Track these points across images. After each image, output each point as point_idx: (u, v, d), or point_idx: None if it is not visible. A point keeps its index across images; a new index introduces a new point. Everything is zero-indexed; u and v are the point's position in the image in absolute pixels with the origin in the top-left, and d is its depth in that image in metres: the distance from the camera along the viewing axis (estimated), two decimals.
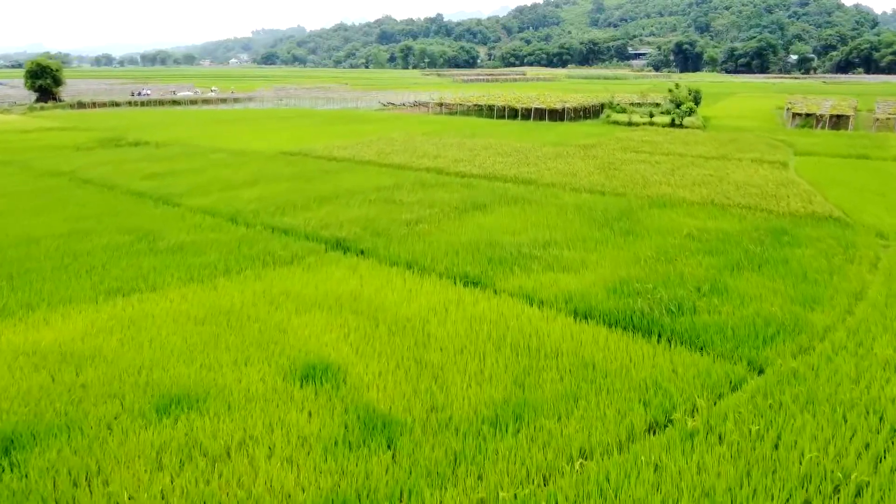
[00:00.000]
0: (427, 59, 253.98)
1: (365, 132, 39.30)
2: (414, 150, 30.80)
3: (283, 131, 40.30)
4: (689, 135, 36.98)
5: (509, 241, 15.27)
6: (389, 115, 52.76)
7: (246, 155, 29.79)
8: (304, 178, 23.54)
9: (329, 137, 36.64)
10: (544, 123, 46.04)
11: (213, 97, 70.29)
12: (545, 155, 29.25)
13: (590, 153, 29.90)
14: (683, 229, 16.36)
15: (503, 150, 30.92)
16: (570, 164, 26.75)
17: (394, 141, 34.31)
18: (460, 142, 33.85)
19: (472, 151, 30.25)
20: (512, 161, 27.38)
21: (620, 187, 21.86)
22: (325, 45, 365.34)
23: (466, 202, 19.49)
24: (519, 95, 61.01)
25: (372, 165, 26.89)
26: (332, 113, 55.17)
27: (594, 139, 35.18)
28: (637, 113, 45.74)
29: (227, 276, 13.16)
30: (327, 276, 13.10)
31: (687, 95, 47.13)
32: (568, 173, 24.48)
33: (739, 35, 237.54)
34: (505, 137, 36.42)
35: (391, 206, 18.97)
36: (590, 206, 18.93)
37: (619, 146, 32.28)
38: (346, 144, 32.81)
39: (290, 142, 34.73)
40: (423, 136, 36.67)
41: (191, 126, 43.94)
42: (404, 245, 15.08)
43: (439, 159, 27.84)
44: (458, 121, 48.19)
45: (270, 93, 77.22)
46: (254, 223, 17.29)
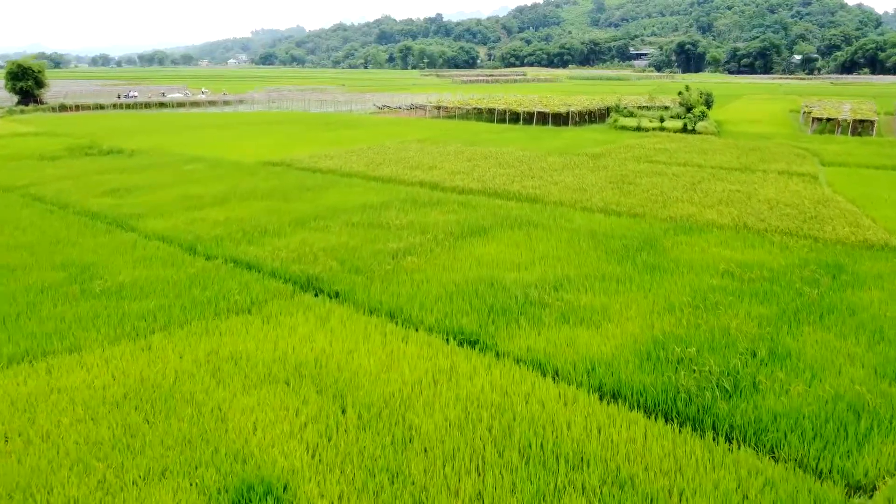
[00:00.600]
0: (426, 59, 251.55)
1: (356, 139, 36.81)
2: (407, 160, 28.30)
3: (269, 137, 37.79)
4: (704, 142, 34.47)
5: (514, 281, 12.78)
6: (384, 120, 50.24)
7: (223, 166, 27.29)
8: (281, 195, 21.03)
9: (316, 145, 34.14)
10: (548, 129, 43.54)
11: (203, 100, 67.78)
12: (551, 166, 26.75)
13: (599, 163, 27.39)
14: (719, 263, 13.85)
15: (505, 159, 28.42)
16: (578, 176, 24.24)
17: (386, 149, 31.80)
18: (458, 150, 31.35)
19: (470, 162, 27.76)
20: (515, 173, 24.88)
21: (637, 206, 19.35)
22: (323, 46, 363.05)
23: (464, 226, 16.99)
24: (520, 98, 58.53)
25: (360, 179, 24.38)
26: (324, 117, 52.65)
27: (603, 147, 32.67)
28: (646, 117, 43.23)
29: (166, 331, 10.67)
30: (290, 331, 10.62)
31: (698, 98, 44.63)
32: (577, 188, 21.97)
33: (742, 35, 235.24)
34: (507, 145, 33.93)
35: (377, 232, 16.46)
36: (605, 232, 16.42)
37: (631, 155, 29.77)
38: (333, 153, 30.30)
39: (273, 150, 32.23)
40: (418, 143, 34.18)
41: (172, 131, 41.44)
42: (388, 286, 12.57)
43: (434, 171, 25.35)
44: (457, 125, 45.70)
45: (262, 95, 74.65)
46: (215, 254, 14.79)
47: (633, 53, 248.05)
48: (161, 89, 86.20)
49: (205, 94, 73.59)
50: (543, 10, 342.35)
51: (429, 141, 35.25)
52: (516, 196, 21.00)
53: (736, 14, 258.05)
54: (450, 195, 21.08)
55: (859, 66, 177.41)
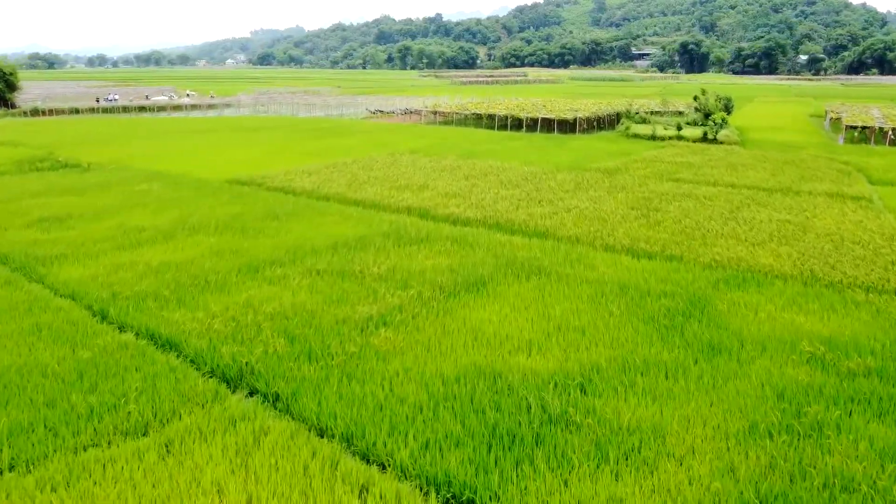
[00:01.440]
0: (425, 59, 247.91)
1: (342, 149, 33.23)
2: (396, 177, 24.75)
3: (245, 148, 34.21)
4: (730, 154, 30.91)
5: (523, 374, 9.25)
6: (376, 126, 46.63)
7: (183, 185, 23.72)
8: (240, 227, 17.46)
9: (296, 157, 30.57)
10: (554, 137, 39.96)
11: (187, 103, 64.10)
12: (561, 185, 23.20)
13: (616, 182, 23.83)
14: (797, 340, 10.32)
15: (508, 176, 24.88)
16: (594, 200, 20.68)
17: (373, 163, 28.24)
18: (455, 164, 27.79)
19: (468, 180, 24.21)
20: (519, 196, 21.32)
21: (671, 243, 15.80)
22: (322, 46, 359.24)
23: (457, 275, 13.43)
24: (523, 102, 54.97)
25: (338, 203, 20.81)
26: (311, 123, 49.02)
27: (617, 160, 29.10)
28: (660, 124, 39.64)
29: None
30: (193, 477, 7.08)
31: (716, 104, 41.03)
32: (595, 217, 18.41)
33: (745, 35, 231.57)
34: (509, 157, 30.36)
35: (346, 285, 12.90)
36: (638, 285, 12.85)
37: (651, 171, 26.20)
38: (313, 168, 26.73)
39: (246, 163, 28.67)
40: (409, 155, 30.61)
41: (142, 140, 37.85)
42: (349, 385, 9.02)
43: (426, 193, 21.79)
44: (454, 133, 42.13)
45: (251, 97, 70.97)
46: (130, 322, 11.25)
47: (635, 53, 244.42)
48: (146, 91, 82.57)
49: (189, 98, 69.93)
50: (544, 9, 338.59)
51: (422, 152, 31.69)
52: (522, 228, 17.44)
53: (739, 13, 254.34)
54: (442, 227, 17.51)
55: (867, 67, 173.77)
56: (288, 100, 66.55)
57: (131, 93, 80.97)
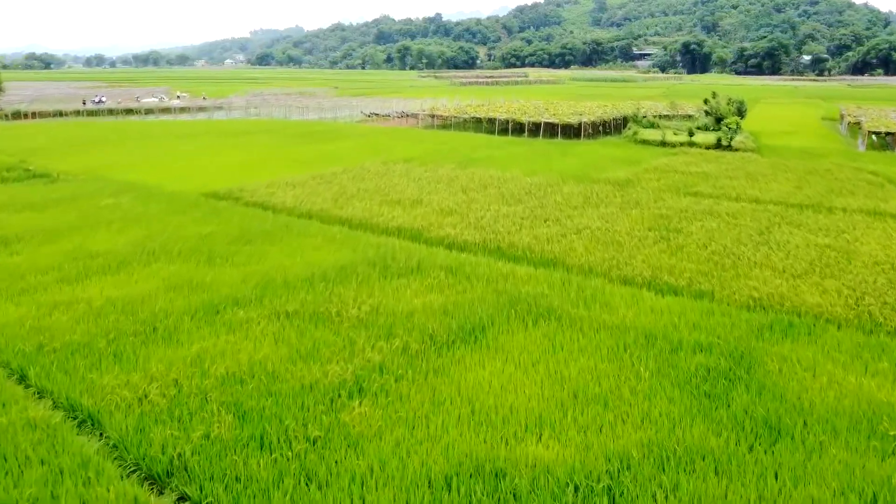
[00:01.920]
0: (425, 59, 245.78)
1: (332, 157, 31.16)
2: (387, 189, 22.69)
3: (230, 154, 32.13)
4: (747, 162, 28.84)
5: (534, 474, 7.18)
6: (370, 130, 44.50)
7: (154, 199, 21.64)
8: (206, 253, 15.39)
9: (282, 166, 28.49)
10: (557, 143, 37.87)
11: (176, 106, 61.92)
12: (568, 200, 21.13)
13: (629, 196, 21.77)
14: (875, 419, 8.26)
15: (509, 188, 22.82)
16: (607, 218, 18.62)
17: (364, 173, 26.17)
18: (452, 174, 25.73)
19: (466, 193, 22.15)
20: (523, 213, 19.27)
21: (699, 274, 13.75)
22: (321, 46, 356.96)
23: (452, 319, 11.38)
24: (524, 105, 52.88)
25: (320, 222, 18.76)
26: (303, 126, 46.83)
27: (627, 169, 27.02)
28: (670, 129, 37.55)
29: None
30: None
31: (728, 107, 38.94)
32: (609, 240, 16.35)
33: (748, 35, 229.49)
34: (511, 166, 28.30)
35: (320, 334, 10.84)
36: (667, 334, 10.79)
37: (666, 183, 24.13)
38: (298, 179, 24.67)
39: (228, 173, 26.62)
40: (404, 164, 28.53)
41: (121, 146, 35.74)
42: (307, 493, 6.94)
43: (419, 209, 19.73)
44: (452, 138, 40.05)
45: (244, 99, 68.78)
46: (49, 388, 9.20)
47: (636, 54, 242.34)
48: (137, 93, 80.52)
49: (179, 101, 67.64)
50: (544, 9, 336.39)
51: (417, 161, 29.61)
52: (527, 255, 15.38)
53: (741, 13, 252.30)
54: (436, 253, 15.45)
55: (871, 67, 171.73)
56: (281, 102, 64.43)
57: (122, 94, 78.89)
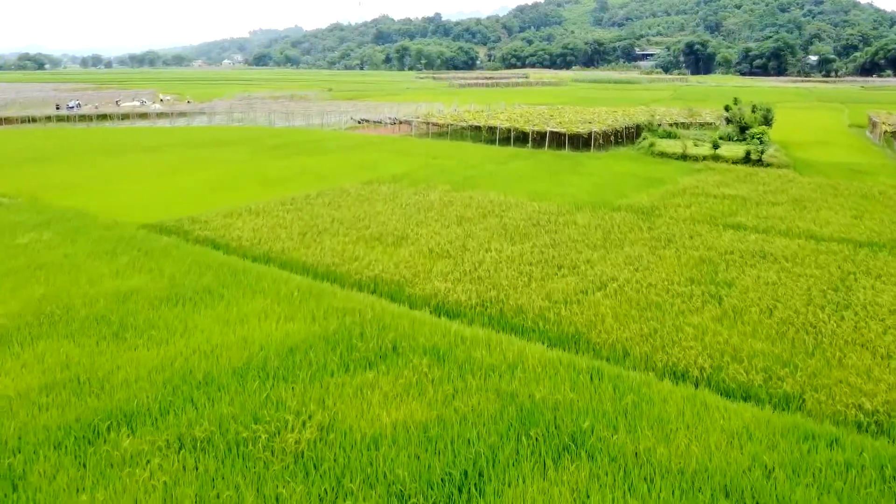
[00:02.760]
0: (424, 60, 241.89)
1: (309, 174, 27.39)
2: (368, 220, 18.95)
3: (195, 172, 28.32)
4: (787, 182, 25.08)
5: None
6: (358, 140, 40.58)
7: (85, 233, 17.86)
8: (118, 324, 11.63)
9: (251, 187, 24.73)
10: (565, 155, 34.08)
11: (154, 111, 57.85)
12: (585, 235, 17.39)
13: (657, 229, 18.02)
14: None
15: (513, 219, 19.07)
16: (636, 265, 14.87)
17: (343, 197, 22.41)
18: (446, 199, 21.97)
19: (461, 225, 18.40)
20: (531, 256, 15.52)
21: (779, 364, 10.02)
22: (319, 46, 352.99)
23: (435, 457, 7.63)
24: (527, 111, 49.07)
25: (279, 268, 15.00)
26: (284, 136, 42.88)
27: (650, 192, 23.27)
28: (690, 139, 33.74)
29: None
30: None
31: (753, 115, 35.14)
32: (645, 302, 12.60)
33: (752, 35, 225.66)
34: (514, 186, 24.57)
35: (230, 484, 7.08)
36: (760, 490, 7.05)
37: (699, 210, 20.35)
38: (264, 206, 20.90)
39: (186, 196, 22.87)
40: (391, 185, 24.76)
41: (75, 160, 31.86)
42: None
43: (403, 251, 15.99)
44: (448, 149, 36.28)
45: (230, 103, 64.74)
46: None
47: (638, 54, 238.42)
48: (121, 96, 76.70)
49: (159, 105, 63.48)
50: (545, 9, 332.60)
51: (407, 179, 25.84)
52: (539, 325, 11.63)
53: (745, 13, 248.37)
54: (420, 323, 11.69)
55: (880, 68, 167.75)
56: (268, 106, 60.58)
57: (104, 98, 75.09)
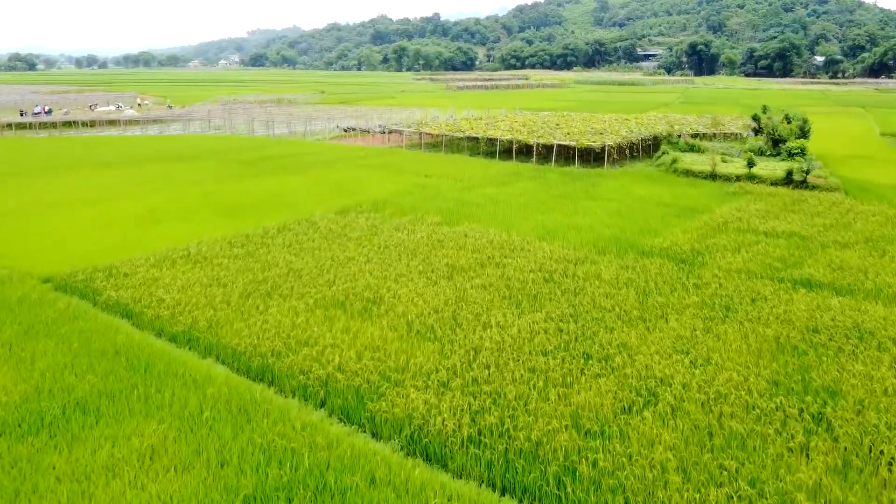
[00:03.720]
0: (422, 60, 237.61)
1: (276, 199, 23.21)
2: (334, 272, 14.81)
3: (144, 196, 24.08)
4: (844, 211, 20.93)
5: None
6: (341, 153, 36.13)
7: None
8: None
9: (203, 217, 20.54)
10: (575, 173, 29.91)
11: (127, 118, 53.40)
12: (613, 297, 13.24)
13: (706, 290, 13.87)
14: None
15: (519, 269, 14.94)
16: (689, 351, 10.74)
17: (309, 233, 18.23)
18: (434, 237, 17.83)
19: (452, 278, 14.27)
20: (545, 335, 11.39)
21: None
22: (317, 46, 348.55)
23: None
24: (531, 119, 44.92)
25: (198, 355, 10.84)
26: (260, 148, 38.39)
27: (684, 227, 19.11)
28: (718, 153, 29.61)
29: None
30: None
31: (787, 126, 30.99)
32: (718, 434, 8.45)
33: (756, 35, 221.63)
34: (518, 219, 20.43)
35: None
36: None
37: (752, 257, 16.17)
38: (207, 248, 16.72)
39: (120, 231, 18.72)
40: (370, 215, 20.59)
41: (11, 181, 27.68)
42: None
43: (372, 327, 11.85)
44: (441, 165, 32.12)
45: (210, 108, 60.38)
46: None
47: (640, 54, 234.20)
48: (98, 99, 72.50)
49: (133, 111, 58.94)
50: (544, 9, 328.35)
51: (391, 207, 21.68)
52: (567, 488, 7.49)
53: (749, 12, 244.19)
54: (382, 469, 7.54)
55: (889, 69, 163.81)
56: (251, 112, 56.40)
57: (80, 102, 70.89)
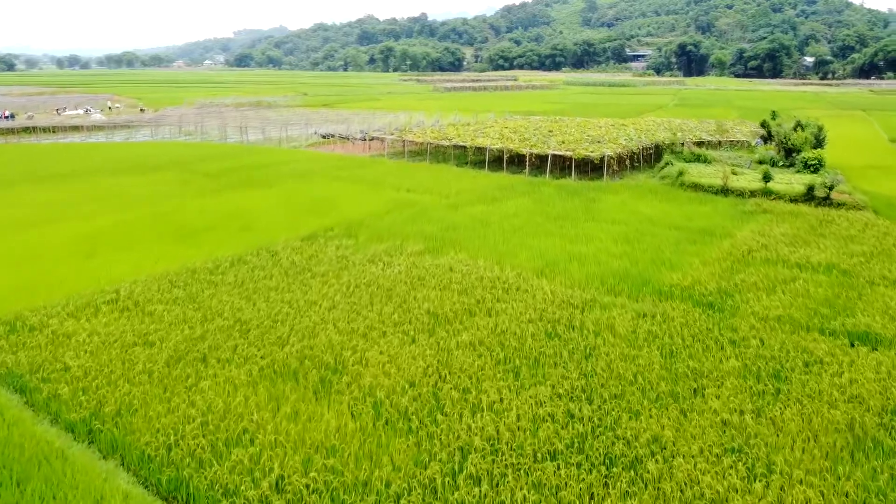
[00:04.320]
0: (409, 61, 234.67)
1: (237, 221, 20.38)
2: (289, 324, 12.06)
3: (85, 218, 21.14)
4: (883, 236, 18.44)
5: None
6: (316, 164, 33.05)
7: None
8: None
9: (146, 247, 17.70)
10: (573, 187, 27.27)
11: (91, 123, 49.97)
12: (632, 358, 10.61)
13: (745, 350, 11.27)
14: None
15: (514, 317, 12.28)
16: (742, 458, 8.10)
17: (267, 267, 15.46)
18: (415, 271, 15.13)
19: (434, 333, 11.57)
20: (553, 422, 8.72)
21: None
22: (303, 46, 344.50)
23: None
24: (522, 125, 42.32)
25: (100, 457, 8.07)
26: (230, 156, 35.30)
27: (703, 256, 16.51)
28: (727, 164, 27.11)
29: None
30: None
31: (800, 134, 28.50)
32: None
33: (745, 35, 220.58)
34: (511, 246, 17.77)
35: None
36: None
37: (793, 303, 13.57)
38: (142, 288, 13.92)
39: (42, 265, 15.88)
40: (341, 241, 17.82)
41: None
42: None
43: (329, 411, 9.14)
44: (426, 177, 29.41)
45: (182, 112, 57.10)
46: None
47: (629, 55, 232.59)
48: (68, 102, 69.17)
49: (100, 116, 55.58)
50: (532, 9, 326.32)
51: (366, 231, 18.92)
52: None
53: (738, 13, 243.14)
54: None
55: (879, 70, 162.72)
56: (226, 116, 53.40)
57: (48, 105, 67.54)
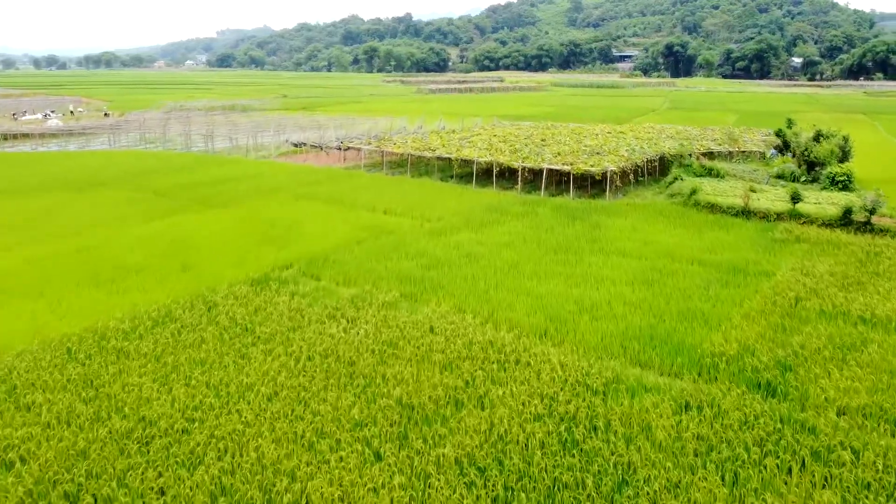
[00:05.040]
0: (393, 61, 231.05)
1: (175, 255, 16.93)
2: (200, 439, 8.71)
3: (8, 249, 17.70)
4: None
5: None
6: (283, 178, 29.42)
7: None
8: None
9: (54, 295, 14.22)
10: (572, 207, 24.06)
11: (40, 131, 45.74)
12: (678, 479, 7.39)
13: (835, 469, 8.08)
14: None
15: (517, 422, 9.03)
16: None
17: (188, 342, 12.09)
18: (387, 333, 11.83)
19: (404, 442, 8.29)
20: None
21: None
22: (286, 46, 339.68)
23: None
24: (511, 132, 39.11)
25: None
26: (189, 168, 31.37)
27: (743, 307, 13.36)
28: (744, 180, 24.06)
29: None
30: None
31: (824, 145, 25.51)
32: None
33: (732, 36, 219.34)
34: (503, 287, 14.52)
35: None
36: None
37: (871, 379, 10.43)
38: (19, 378, 10.52)
39: None
40: (296, 288, 14.46)
41: None
42: None
43: None
44: (406, 195, 26.10)
45: (147, 117, 52.95)
46: None
47: (616, 56, 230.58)
48: (27, 105, 65.08)
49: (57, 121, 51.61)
50: (518, 9, 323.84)
51: (330, 268, 15.59)
52: None
53: (724, 13, 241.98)
54: None
55: (867, 71, 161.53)
56: (193, 121, 49.67)
57: (10, 107, 63.49)
